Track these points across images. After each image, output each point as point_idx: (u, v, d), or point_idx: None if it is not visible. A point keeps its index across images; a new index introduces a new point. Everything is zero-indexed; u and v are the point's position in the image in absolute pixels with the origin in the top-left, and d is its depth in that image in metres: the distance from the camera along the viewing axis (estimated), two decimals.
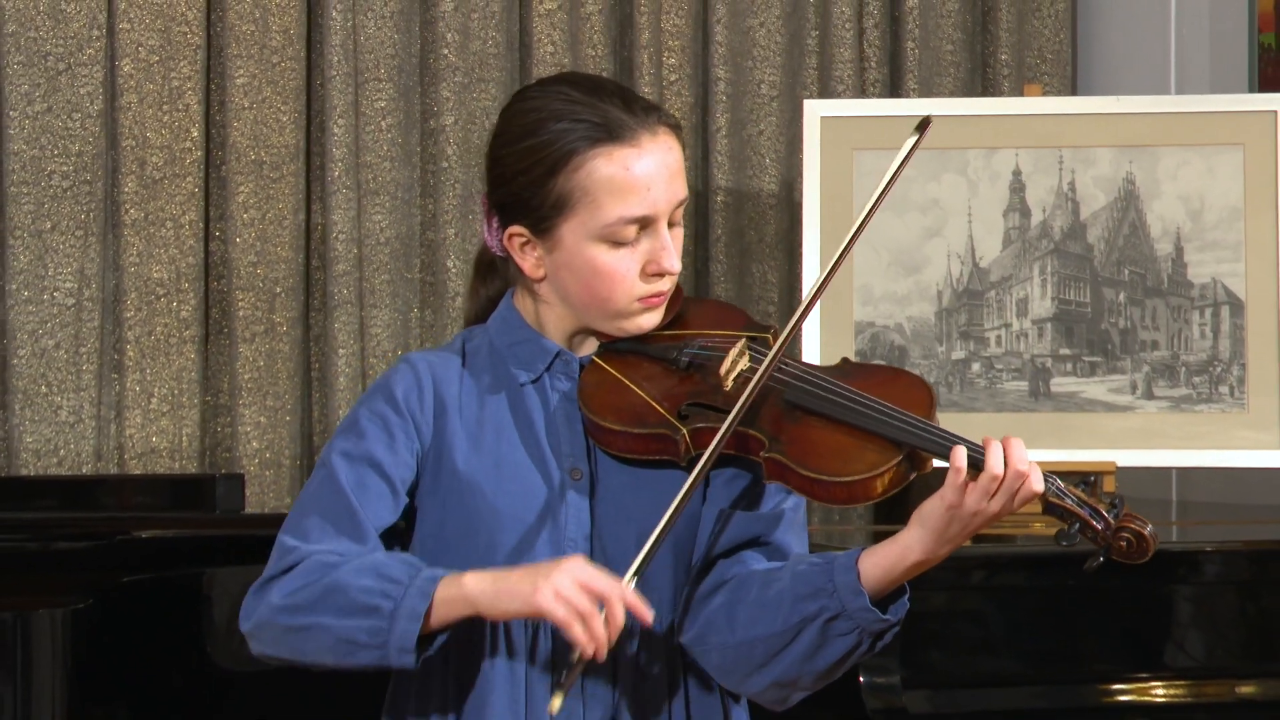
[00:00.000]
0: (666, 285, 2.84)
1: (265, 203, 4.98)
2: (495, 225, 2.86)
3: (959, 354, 4.72)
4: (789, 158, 5.34)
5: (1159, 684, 3.96)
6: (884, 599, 2.71)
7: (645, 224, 2.79)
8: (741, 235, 5.36)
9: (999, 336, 4.73)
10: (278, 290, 4.99)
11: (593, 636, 2.61)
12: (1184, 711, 3.93)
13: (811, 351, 4.67)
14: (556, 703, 2.66)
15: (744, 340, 2.84)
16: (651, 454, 2.80)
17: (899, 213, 4.75)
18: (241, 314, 4.96)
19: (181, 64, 4.92)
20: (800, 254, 4.81)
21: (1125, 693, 3.95)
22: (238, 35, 4.95)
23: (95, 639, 3.64)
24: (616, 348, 2.86)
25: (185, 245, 4.93)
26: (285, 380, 4.99)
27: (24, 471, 4.78)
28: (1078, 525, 2.68)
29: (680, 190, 2.82)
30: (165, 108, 4.91)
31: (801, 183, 4.84)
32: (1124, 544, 2.68)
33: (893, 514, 4.24)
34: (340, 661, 2.73)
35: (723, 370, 2.80)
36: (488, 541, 2.78)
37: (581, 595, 2.62)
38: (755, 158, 5.36)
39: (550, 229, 2.80)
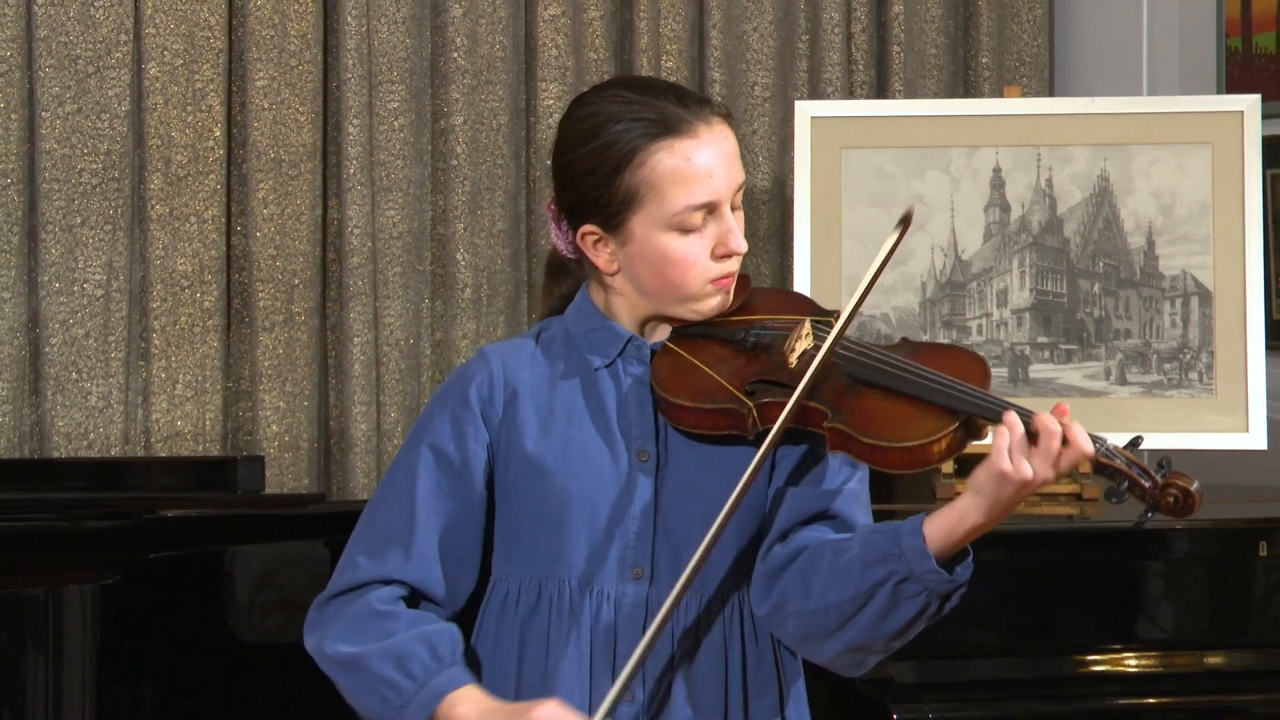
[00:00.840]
0: (734, 265, 2.86)
1: (284, 199, 4.98)
2: (565, 227, 2.89)
3: (942, 340, 4.72)
4: (781, 156, 5.35)
5: (1131, 655, 3.96)
6: (949, 561, 2.72)
7: (710, 209, 2.80)
8: None
9: (980, 325, 4.73)
10: (296, 282, 4.99)
11: None
12: (1155, 681, 3.93)
13: None
14: None
15: (808, 321, 2.85)
16: (721, 429, 2.81)
17: (885, 208, 4.74)
18: (262, 304, 4.96)
19: (204, 67, 4.92)
20: (792, 247, 4.81)
21: (1099, 663, 3.95)
22: (258, 40, 4.94)
23: (123, 613, 3.64)
24: (687, 332, 2.88)
25: (208, 239, 4.93)
26: (303, 367, 4.99)
27: (55, 454, 4.78)
28: (1126, 484, 2.69)
29: (739, 174, 2.84)
30: (189, 108, 4.91)
31: (793, 179, 4.84)
32: (1171, 499, 2.67)
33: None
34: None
35: (786, 349, 2.82)
36: (558, 522, 2.81)
37: None
38: (749, 156, 5.36)
39: (621, 224, 2.81)
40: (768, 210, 5.36)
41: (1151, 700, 3.88)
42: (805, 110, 4.78)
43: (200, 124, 4.92)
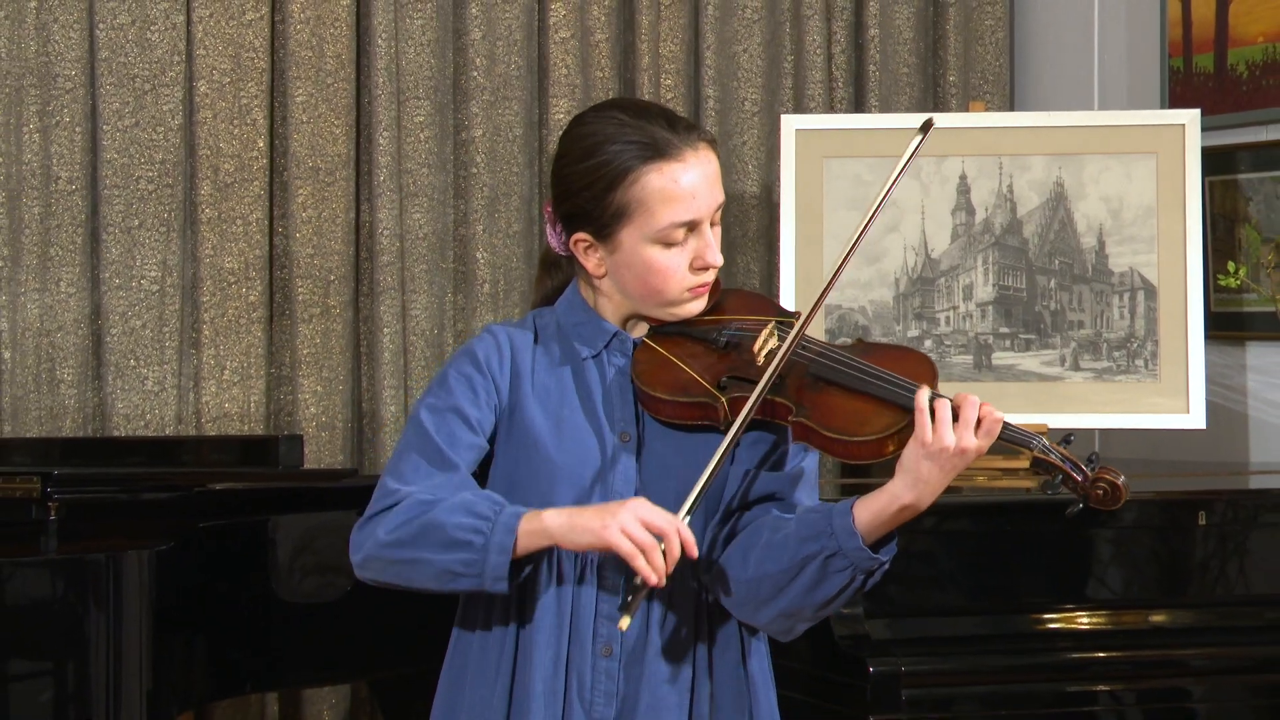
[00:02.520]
0: (710, 276, 2.86)
1: (321, 203, 4.98)
2: (560, 230, 2.88)
3: (914, 332, 4.72)
4: (768, 164, 5.34)
5: (1083, 614, 3.96)
6: (877, 542, 2.73)
7: (691, 227, 2.80)
8: (728, 231, 5.35)
9: (948, 317, 4.73)
10: (332, 278, 4.99)
11: (654, 567, 2.63)
12: (1104, 637, 3.93)
13: None
14: (625, 623, 2.68)
15: (773, 323, 2.85)
16: (695, 419, 2.81)
17: (862, 211, 4.72)
18: (301, 299, 4.97)
19: (249, 85, 4.92)
20: (778, 246, 4.81)
21: (1054, 621, 3.95)
22: (297, 60, 4.94)
23: (175, 576, 3.64)
24: (665, 330, 2.87)
25: (253, 240, 4.93)
26: (338, 355, 5.00)
27: (115, 433, 4.78)
28: (1060, 477, 2.69)
29: (719, 195, 2.84)
30: (235, 122, 4.91)
31: (779, 185, 4.84)
32: (1100, 492, 2.68)
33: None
34: (442, 588, 2.75)
35: (755, 348, 2.82)
36: (547, 490, 2.79)
37: (643, 531, 2.64)
38: (739, 164, 5.36)
39: (611, 235, 2.81)
40: (756, 213, 5.36)
41: (1101, 654, 3.88)
42: (790, 123, 4.78)
43: (245, 136, 4.92)
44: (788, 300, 4.68)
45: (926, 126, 2.90)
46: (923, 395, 2.67)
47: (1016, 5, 5.65)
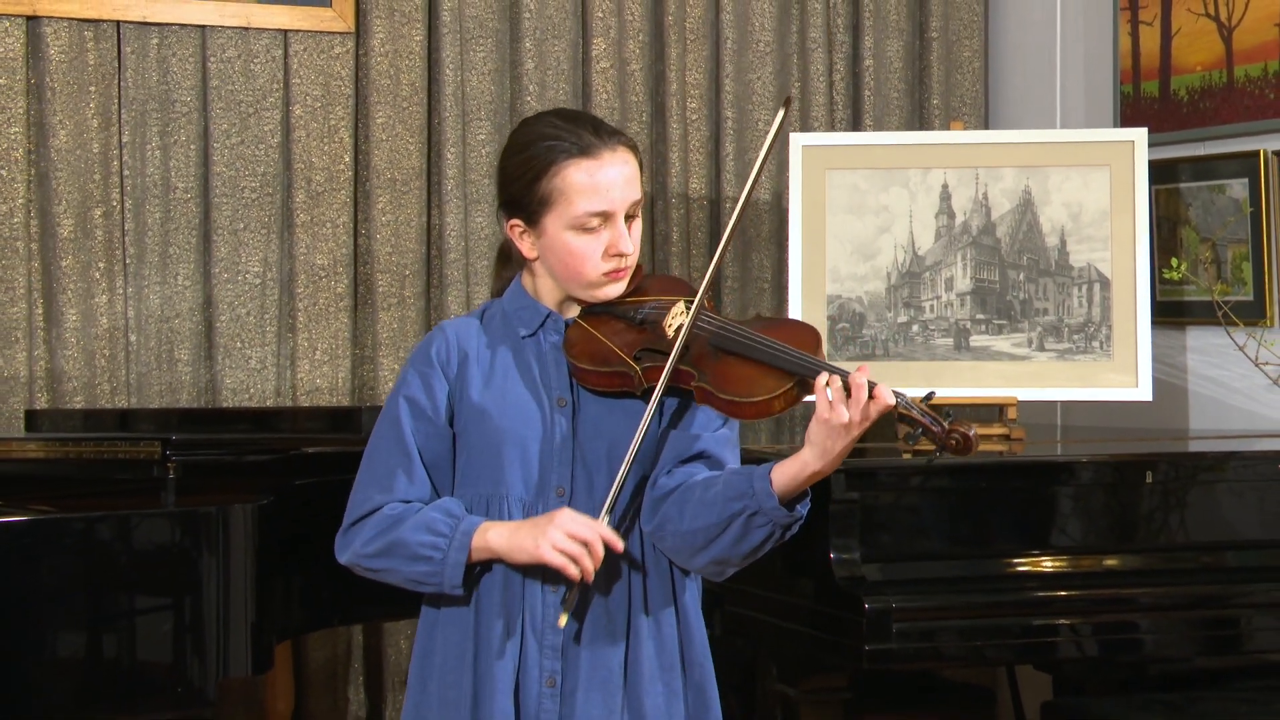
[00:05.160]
0: (625, 262, 2.85)
1: (397, 209, 4.99)
2: (503, 216, 2.89)
3: (903, 318, 4.71)
4: (778, 175, 5.34)
5: (1047, 558, 3.95)
6: (792, 500, 2.74)
7: (606, 217, 2.80)
8: (744, 232, 5.35)
9: (932, 305, 4.72)
10: (406, 273, 5.00)
11: (584, 571, 2.71)
12: (1065, 578, 3.92)
13: (793, 312, 4.68)
14: (563, 620, 2.76)
15: (681, 301, 2.86)
16: (615, 387, 2.82)
17: (859, 215, 4.73)
18: (380, 290, 4.97)
19: (337, 108, 4.93)
20: (787, 245, 4.81)
21: (1022, 565, 3.94)
22: (378, 87, 4.95)
23: (274, 525, 3.65)
24: (593, 310, 2.89)
25: (340, 240, 4.94)
26: (412, 338, 5.00)
27: (224, 405, 4.80)
28: (920, 430, 2.69)
29: (634, 193, 2.83)
30: (325, 140, 4.92)
31: (788, 193, 4.83)
32: (954, 442, 2.67)
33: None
34: (409, 589, 2.84)
35: (665, 323, 2.82)
36: (497, 453, 2.82)
37: (570, 543, 2.70)
38: None
39: (537, 220, 2.82)
40: (768, 217, 5.36)
41: (1062, 593, 3.88)
42: (798, 140, 4.77)
43: (334, 152, 4.93)
44: (794, 290, 4.69)
45: (787, 102, 2.92)
46: (821, 379, 2.67)
47: (991, 40, 5.63)
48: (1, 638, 3.27)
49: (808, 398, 2.75)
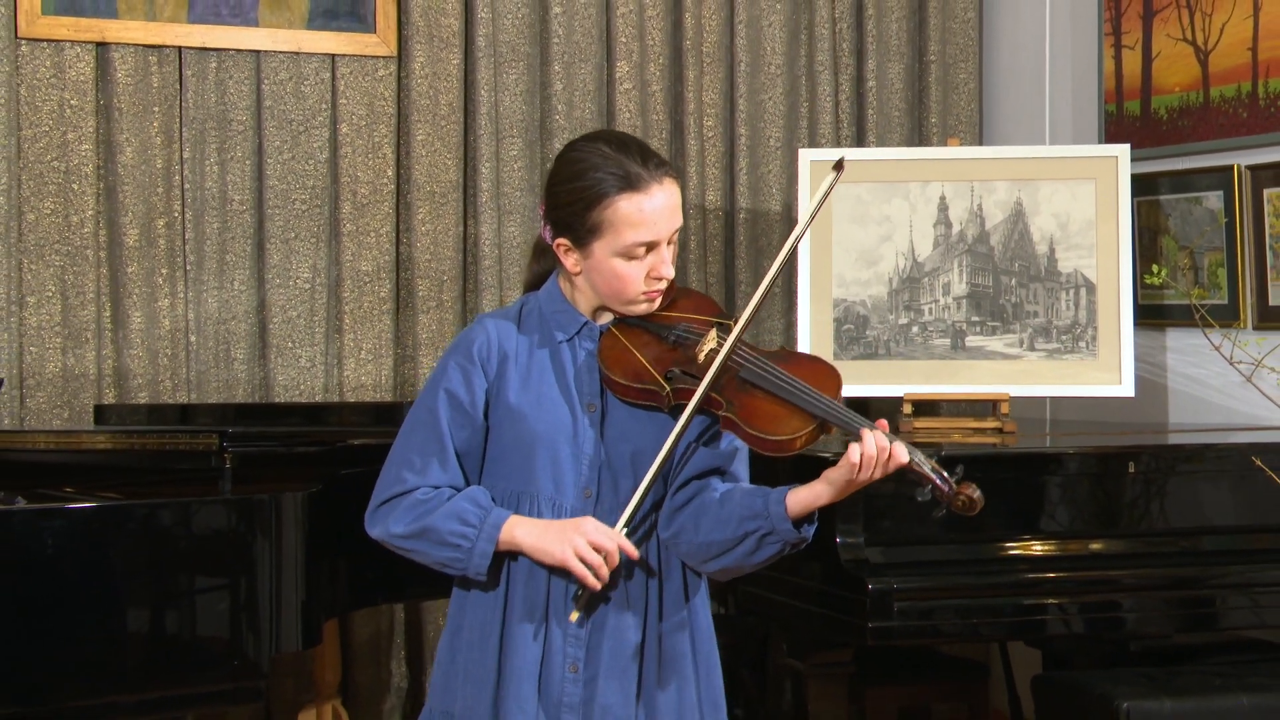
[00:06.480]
0: (663, 285, 2.82)
1: (436, 220, 5.00)
2: (548, 229, 2.85)
3: (903, 320, 4.71)
4: (788, 188, 5.34)
5: (1037, 542, 3.95)
6: (800, 521, 2.75)
7: (651, 246, 2.77)
8: (756, 241, 5.35)
9: (930, 308, 4.72)
10: (444, 278, 5.00)
11: (600, 579, 2.72)
12: (1053, 561, 3.92)
13: (804, 318, 4.68)
14: (575, 615, 2.76)
15: (715, 329, 2.82)
16: (643, 401, 2.80)
17: (863, 225, 4.73)
18: (420, 294, 4.98)
19: (380, 127, 4.94)
20: (796, 255, 4.80)
21: (1014, 549, 3.94)
22: (418, 108, 4.96)
23: (323, 512, 3.65)
24: (626, 322, 2.85)
25: (383, 248, 4.95)
26: (449, 339, 4.99)
27: (276, 400, 4.80)
28: (930, 488, 2.68)
29: (676, 221, 2.80)
30: (370, 156, 4.93)
31: (797, 205, 4.83)
32: (960, 502, 2.66)
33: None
34: (437, 570, 2.83)
35: (698, 348, 2.80)
36: (529, 453, 2.80)
37: (591, 552, 2.71)
38: (765, 188, 5.36)
39: (586, 244, 2.79)
40: (779, 227, 5.36)
41: (1051, 574, 3.87)
42: (806, 155, 4.77)
43: (377, 167, 4.93)
44: (803, 294, 4.69)
45: (839, 165, 2.86)
46: (866, 441, 2.66)
47: (985, 63, 5.62)
48: (73, 614, 3.28)
49: (822, 436, 2.75)
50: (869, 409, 4.49)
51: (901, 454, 2.66)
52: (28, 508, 3.39)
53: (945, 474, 2.67)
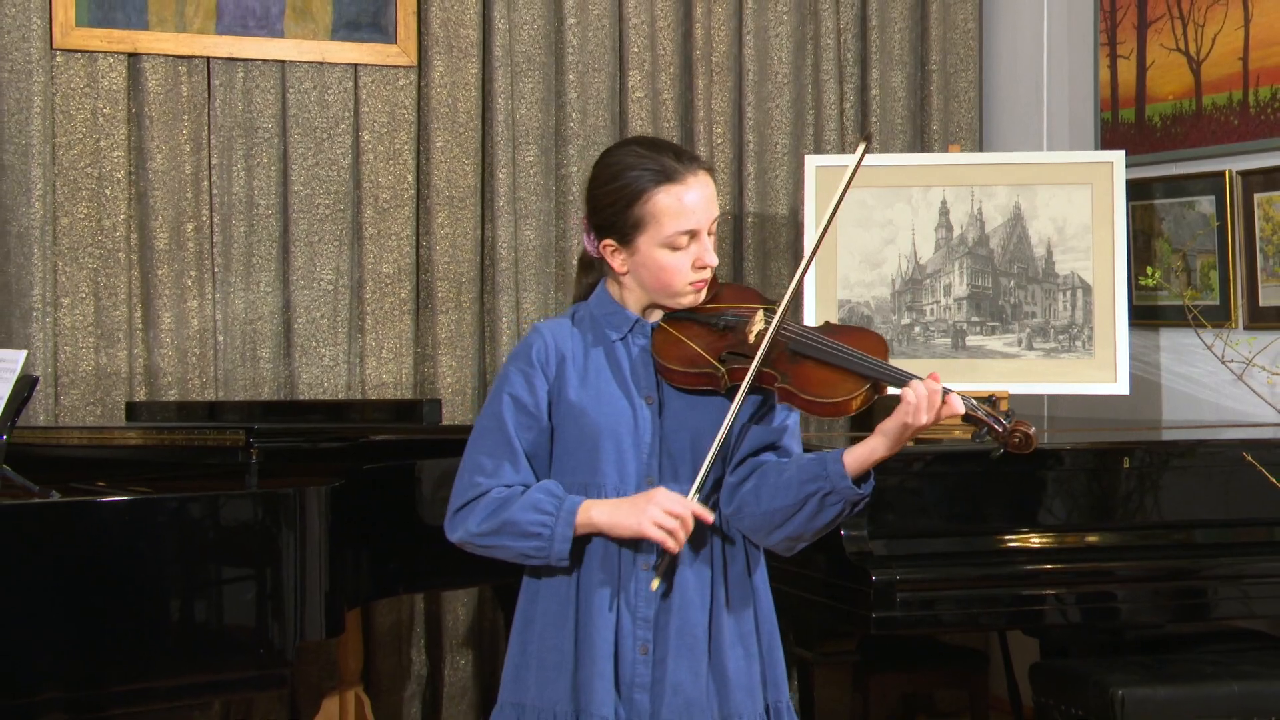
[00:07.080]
0: (708, 274, 2.84)
1: (455, 223, 5.00)
2: (593, 237, 2.86)
3: (906, 320, 4.71)
4: (795, 193, 5.34)
5: (1035, 535, 3.95)
6: (858, 479, 2.74)
7: (692, 235, 2.79)
8: (764, 243, 5.36)
9: (932, 309, 4.72)
10: (463, 280, 5.01)
11: (678, 543, 2.72)
12: (1050, 553, 3.92)
13: (809, 316, 4.68)
14: (655, 583, 2.77)
15: (762, 310, 2.84)
16: (701, 385, 2.80)
17: (866, 228, 4.73)
18: (440, 295, 4.99)
19: (401, 134, 4.95)
20: (802, 256, 4.81)
21: (1012, 541, 3.94)
22: (438, 115, 4.96)
23: (346, 506, 3.65)
24: (675, 315, 2.86)
25: (403, 251, 4.96)
26: (468, 339, 5.02)
27: (301, 397, 4.82)
28: (986, 429, 2.69)
29: (714, 210, 2.82)
30: (391, 163, 4.93)
31: (803, 209, 4.83)
32: (1017, 439, 2.69)
33: (860, 426, 4.25)
34: (519, 564, 2.83)
35: (748, 329, 2.81)
36: (594, 446, 2.80)
37: (667, 519, 2.71)
38: (772, 193, 5.36)
39: (631, 240, 2.80)
40: (785, 230, 5.36)
41: (1049, 566, 3.87)
42: (812, 161, 4.77)
43: (398, 172, 4.94)
44: (809, 295, 4.69)
45: (868, 137, 2.93)
46: (913, 388, 2.67)
47: (984, 72, 5.62)
48: (106, 602, 3.29)
49: (876, 397, 2.76)
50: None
51: (957, 403, 2.68)
52: (63, 500, 3.40)
53: (999, 415, 2.69)
